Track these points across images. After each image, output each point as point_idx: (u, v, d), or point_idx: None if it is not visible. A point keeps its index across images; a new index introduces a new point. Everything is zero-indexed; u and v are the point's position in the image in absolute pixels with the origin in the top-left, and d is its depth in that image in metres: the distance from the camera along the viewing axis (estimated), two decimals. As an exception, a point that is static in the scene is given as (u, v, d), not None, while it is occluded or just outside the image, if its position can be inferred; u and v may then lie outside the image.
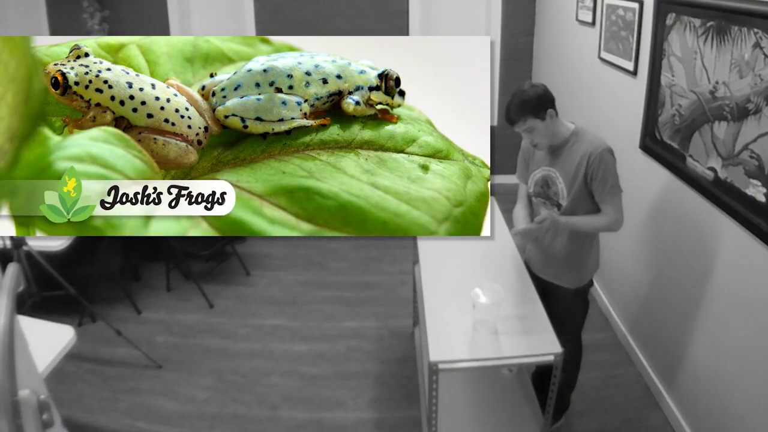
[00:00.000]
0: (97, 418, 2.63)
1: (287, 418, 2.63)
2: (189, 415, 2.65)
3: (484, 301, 1.89)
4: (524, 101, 2.02)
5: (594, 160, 2.02)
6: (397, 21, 4.69)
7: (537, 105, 2.02)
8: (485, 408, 2.24)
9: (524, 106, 2.02)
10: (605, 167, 2.02)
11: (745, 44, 1.92)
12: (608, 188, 2.04)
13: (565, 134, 2.11)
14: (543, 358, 1.85)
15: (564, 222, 2.09)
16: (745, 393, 2.01)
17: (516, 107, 2.03)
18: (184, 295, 3.58)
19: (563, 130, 2.11)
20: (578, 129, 2.13)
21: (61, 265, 2.98)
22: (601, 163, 2.02)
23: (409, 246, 2.95)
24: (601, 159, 2.02)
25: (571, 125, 2.13)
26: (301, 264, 3.92)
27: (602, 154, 2.02)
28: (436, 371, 1.82)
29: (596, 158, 2.02)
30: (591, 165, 2.03)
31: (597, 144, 2.05)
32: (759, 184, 1.88)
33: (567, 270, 2.21)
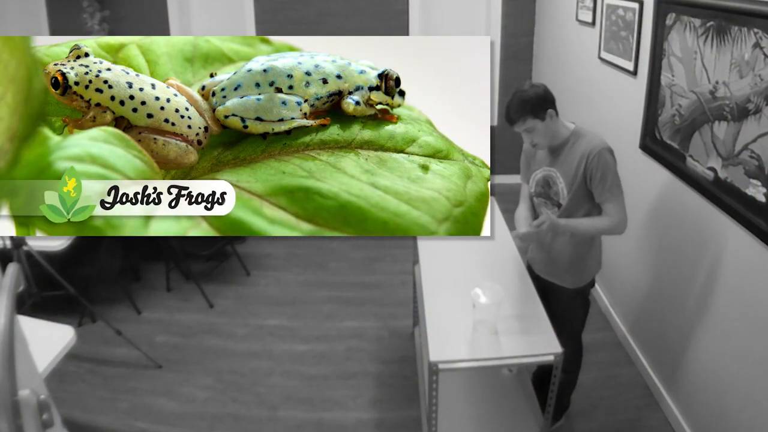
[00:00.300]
0: (96, 418, 2.63)
1: (287, 418, 2.64)
2: (189, 415, 2.65)
3: (484, 301, 1.89)
4: (524, 101, 2.02)
5: (593, 160, 2.02)
6: (397, 21, 4.69)
7: (537, 105, 2.02)
8: (485, 408, 2.24)
9: (524, 106, 2.01)
10: (604, 166, 2.02)
11: (745, 44, 1.92)
12: (608, 187, 2.03)
13: (565, 134, 2.11)
14: (543, 358, 1.85)
15: (563, 224, 2.08)
16: (745, 393, 2.01)
17: (516, 107, 2.02)
18: (184, 295, 3.58)
19: (563, 130, 2.11)
20: (578, 129, 2.12)
21: (61, 265, 2.98)
22: (600, 162, 2.01)
23: (409, 246, 2.96)
24: (600, 158, 2.01)
25: (571, 125, 2.13)
26: (301, 264, 3.93)
27: (601, 153, 2.02)
28: (436, 371, 1.82)
29: (595, 157, 2.02)
30: (590, 164, 2.02)
31: (596, 143, 2.04)
32: (759, 184, 1.88)
33: (568, 270, 2.21)
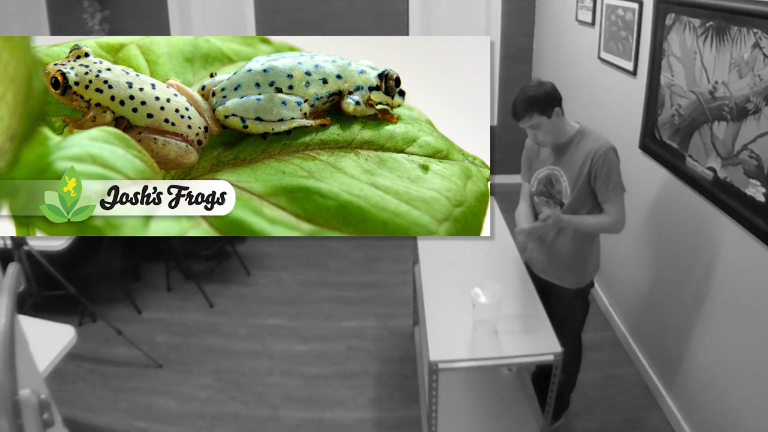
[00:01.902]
0: (97, 417, 2.63)
1: (287, 417, 2.64)
2: (189, 415, 2.65)
3: (484, 300, 1.89)
4: (531, 97, 2.02)
5: (598, 159, 2.02)
6: (397, 21, 4.69)
7: (545, 102, 2.02)
8: (485, 407, 2.24)
9: (532, 102, 2.01)
10: (609, 166, 2.03)
11: (745, 44, 1.92)
12: (611, 187, 2.04)
13: (570, 133, 2.12)
14: (543, 358, 1.85)
15: (567, 220, 2.08)
16: (744, 392, 2.01)
17: (523, 103, 2.03)
18: (185, 295, 3.58)
19: (568, 129, 2.12)
20: (583, 128, 2.13)
21: (62, 264, 2.98)
22: (605, 162, 2.02)
23: (409, 246, 2.96)
24: (605, 157, 2.02)
25: (576, 125, 2.14)
26: (301, 264, 3.93)
27: (606, 152, 2.03)
28: (436, 371, 1.82)
29: (600, 156, 2.02)
30: (595, 163, 2.03)
31: (602, 143, 2.05)
32: (758, 184, 1.88)
33: (568, 270, 2.21)
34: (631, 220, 2.84)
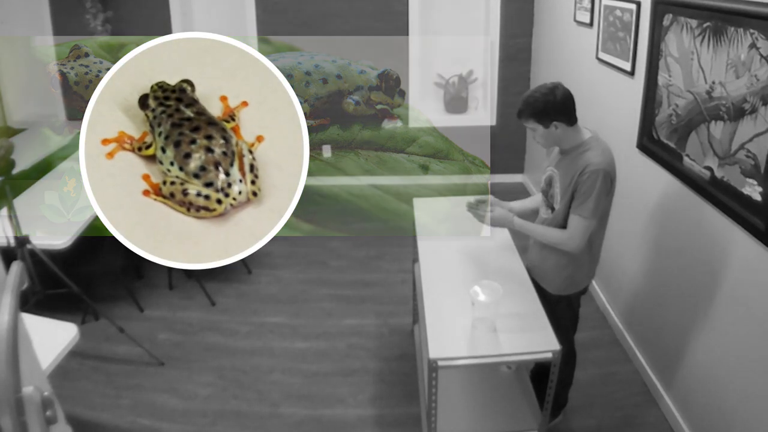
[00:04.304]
0: (100, 414, 2.65)
1: (288, 414, 2.65)
2: (191, 412, 2.67)
3: (483, 299, 1.90)
4: (532, 104, 2.01)
5: (585, 173, 1.97)
6: (397, 21, 4.69)
7: (542, 112, 1.99)
8: (484, 404, 2.26)
9: (530, 107, 2.01)
10: (591, 185, 1.96)
11: (742, 45, 1.93)
12: (582, 206, 1.99)
13: (578, 141, 2.06)
14: (541, 356, 1.87)
15: (519, 225, 2.17)
16: (741, 390, 2.03)
17: (524, 104, 2.03)
18: (186, 293, 3.60)
19: (576, 137, 2.06)
20: (592, 140, 2.05)
21: (65, 263, 2.99)
22: (589, 180, 1.96)
23: (409, 245, 2.96)
24: (592, 177, 1.95)
25: (588, 133, 2.08)
26: (302, 262, 3.94)
27: (597, 172, 1.96)
28: (436, 368, 1.84)
29: (589, 174, 1.96)
30: (581, 176, 1.98)
31: (598, 161, 1.97)
32: (755, 183, 1.89)
33: (551, 276, 2.22)
34: (628, 219, 2.86)
